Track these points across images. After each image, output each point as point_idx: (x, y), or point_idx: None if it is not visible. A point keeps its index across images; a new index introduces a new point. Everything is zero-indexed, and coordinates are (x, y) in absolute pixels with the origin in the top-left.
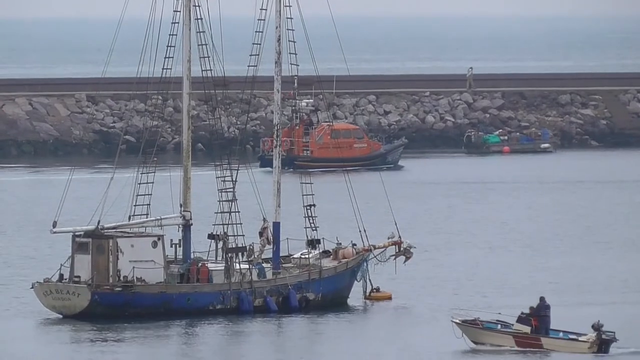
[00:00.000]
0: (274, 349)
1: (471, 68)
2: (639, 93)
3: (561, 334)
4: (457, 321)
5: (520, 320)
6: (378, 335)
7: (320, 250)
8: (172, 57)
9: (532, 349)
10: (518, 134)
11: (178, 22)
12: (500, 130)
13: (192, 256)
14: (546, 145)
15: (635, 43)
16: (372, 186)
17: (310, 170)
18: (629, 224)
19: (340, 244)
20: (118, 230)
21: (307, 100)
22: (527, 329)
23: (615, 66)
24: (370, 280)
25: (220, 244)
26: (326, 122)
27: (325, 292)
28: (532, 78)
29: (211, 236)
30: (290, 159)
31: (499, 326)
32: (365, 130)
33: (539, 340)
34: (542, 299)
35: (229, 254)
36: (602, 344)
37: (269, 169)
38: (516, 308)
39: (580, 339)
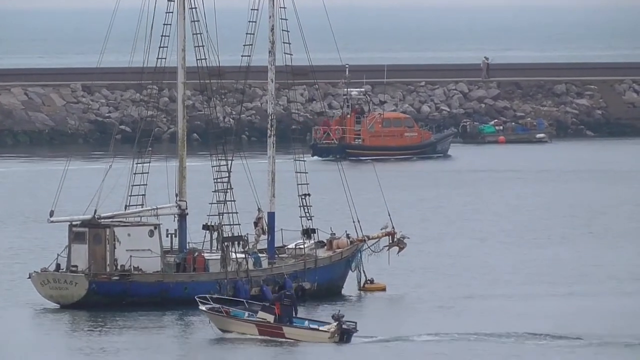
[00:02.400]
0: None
1: (485, 57)
2: (635, 83)
3: (306, 323)
4: (204, 309)
5: (264, 308)
6: None
7: (315, 240)
8: (167, 47)
9: (274, 338)
10: (513, 123)
11: (172, 12)
12: (496, 120)
13: (187, 246)
14: (541, 135)
15: (630, 32)
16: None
17: (361, 158)
18: (622, 215)
19: (334, 234)
20: (115, 219)
21: (359, 89)
22: (270, 317)
23: (611, 56)
24: (364, 272)
25: (215, 235)
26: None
27: (321, 282)
28: (528, 68)
29: (206, 227)
30: (341, 148)
31: (246, 314)
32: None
33: (280, 329)
34: (286, 285)
35: (225, 243)
36: (344, 333)
37: (321, 158)
38: (505, 298)
39: (321, 328)
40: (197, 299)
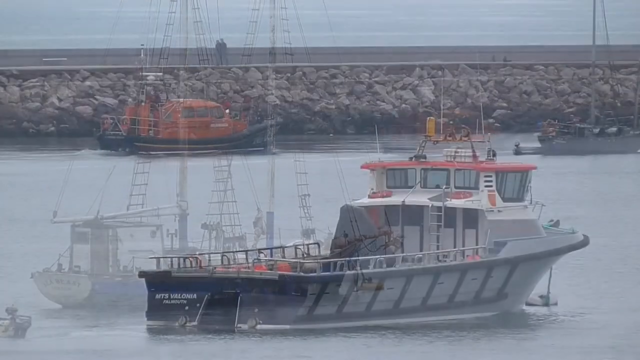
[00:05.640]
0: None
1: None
2: None
3: None
4: None
5: None
6: None
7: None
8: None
9: None
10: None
11: (174, 12)
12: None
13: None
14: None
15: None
16: None
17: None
18: (616, 210)
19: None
20: (117, 220)
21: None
22: None
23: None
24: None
25: (214, 234)
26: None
27: None
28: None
29: (205, 226)
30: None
31: None
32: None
33: None
34: None
35: (227, 244)
36: (17, 328)
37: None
38: None
39: None
40: None
